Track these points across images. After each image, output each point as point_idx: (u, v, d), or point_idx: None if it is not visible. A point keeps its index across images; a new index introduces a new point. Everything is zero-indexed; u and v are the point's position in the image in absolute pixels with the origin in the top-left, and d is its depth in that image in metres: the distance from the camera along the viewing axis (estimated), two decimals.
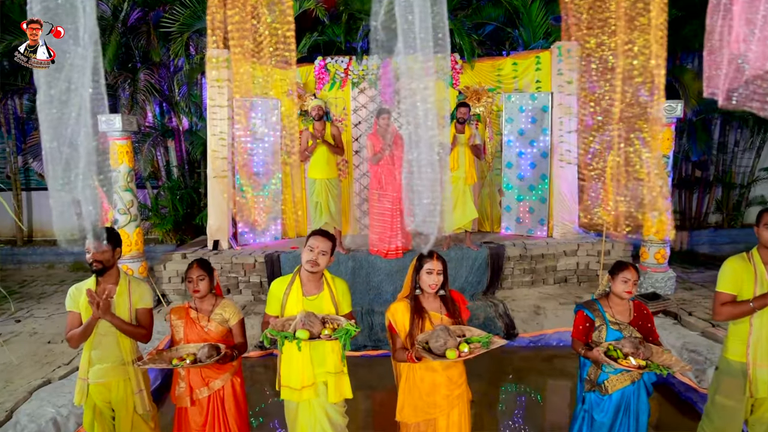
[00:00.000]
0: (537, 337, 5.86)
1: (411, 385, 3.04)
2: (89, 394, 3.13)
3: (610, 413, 3.14)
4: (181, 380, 3.19)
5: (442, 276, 2.94)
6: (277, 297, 3.03)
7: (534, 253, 6.73)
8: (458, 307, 3.04)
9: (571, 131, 7.00)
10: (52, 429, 3.89)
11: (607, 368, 3.12)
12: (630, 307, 3.22)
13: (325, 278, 3.08)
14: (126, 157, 6.28)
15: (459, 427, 3.03)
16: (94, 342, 3.08)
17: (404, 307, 3.01)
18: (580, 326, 3.22)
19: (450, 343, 2.73)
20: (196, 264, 3.19)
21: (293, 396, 3.01)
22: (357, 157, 7.83)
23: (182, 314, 3.22)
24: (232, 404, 3.24)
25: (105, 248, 3.02)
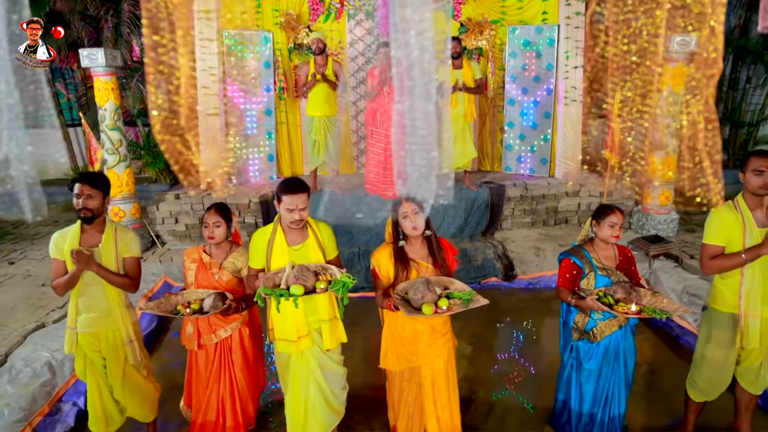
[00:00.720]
0: (536, 278, 5.82)
1: (393, 332, 2.98)
2: (78, 343, 3.08)
3: (599, 360, 3.11)
4: (190, 323, 3.15)
5: (420, 215, 2.77)
6: (261, 249, 2.89)
7: (535, 194, 6.58)
8: (446, 255, 2.92)
9: (578, 66, 6.66)
10: (48, 373, 3.89)
11: (595, 315, 3.06)
12: (615, 251, 3.12)
13: (308, 224, 2.93)
14: (112, 95, 6.00)
15: (445, 375, 2.99)
16: (80, 290, 3.00)
17: (388, 254, 2.89)
18: (566, 274, 3.12)
19: (428, 297, 2.64)
20: (214, 209, 3.06)
21: (290, 348, 2.94)
22: (354, 93, 7.52)
23: (196, 257, 3.14)
24: (240, 355, 3.20)
25: (95, 195, 2.89)
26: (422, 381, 2.99)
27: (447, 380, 3.00)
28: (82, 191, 2.86)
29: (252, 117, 7.07)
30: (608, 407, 3.18)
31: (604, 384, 3.15)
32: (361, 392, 3.82)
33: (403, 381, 3.04)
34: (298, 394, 3.04)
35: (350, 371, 3.20)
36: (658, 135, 5.88)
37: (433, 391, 2.99)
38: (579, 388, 3.23)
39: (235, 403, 3.21)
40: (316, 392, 3.04)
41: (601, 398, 3.17)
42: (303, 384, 3.03)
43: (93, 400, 3.18)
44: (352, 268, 5.89)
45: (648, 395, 3.86)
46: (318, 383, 3.04)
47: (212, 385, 3.19)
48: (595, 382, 3.17)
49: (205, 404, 3.22)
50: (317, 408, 3.06)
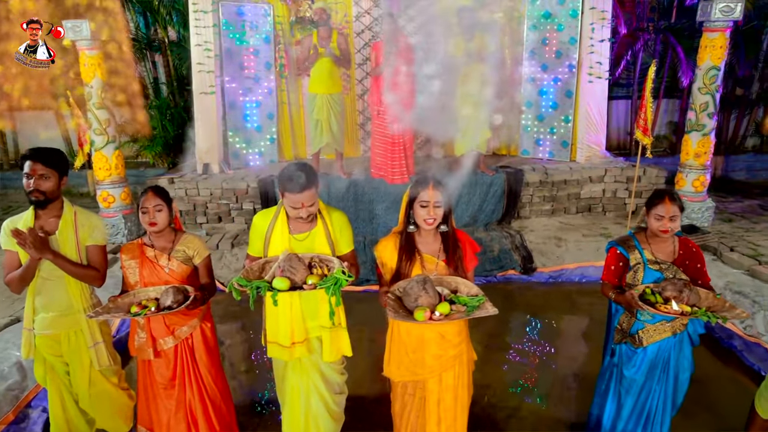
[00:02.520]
0: (557, 272, 5.35)
1: (396, 338, 2.52)
2: (36, 346, 2.66)
3: (644, 369, 2.65)
4: (140, 329, 2.67)
5: (440, 209, 2.32)
6: (259, 235, 2.46)
7: (555, 179, 6.08)
8: (462, 252, 2.43)
9: (604, 40, 6.12)
10: (16, 374, 3.49)
11: (642, 316, 2.60)
12: (674, 243, 2.62)
13: (319, 211, 2.45)
14: (99, 70, 5.55)
15: (454, 392, 2.52)
16: (37, 286, 2.58)
17: (393, 244, 2.43)
18: (611, 266, 2.67)
19: (422, 300, 2.17)
20: (151, 192, 2.59)
21: (282, 354, 2.52)
22: (360, 71, 7.03)
23: (136, 253, 2.65)
24: (204, 352, 2.76)
25: (49, 175, 2.45)
26: (427, 396, 2.53)
27: (455, 399, 2.54)
28: (33, 170, 2.43)
29: (251, 97, 6.61)
30: (649, 427, 2.72)
31: (647, 399, 2.70)
32: (367, 400, 3.40)
33: (405, 394, 2.59)
34: (297, 407, 2.62)
35: (355, 377, 2.78)
36: (694, 113, 5.34)
37: (438, 410, 2.53)
38: (617, 400, 2.78)
39: (207, 409, 2.77)
40: (318, 404, 2.63)
41: (641, 415, 2.71)
42: (303, 396, 2.61)
43: (55, 411, 2.78)
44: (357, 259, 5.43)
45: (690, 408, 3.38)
46: (320, 395, 2.63)
47: (177, 395, 2.73)
48: (636, 396, 2.71)
49: (173, 421, 2.76)
50: (320, 419, 2.66)
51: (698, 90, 5.30)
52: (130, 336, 2.73)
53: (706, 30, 5.11)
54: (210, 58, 6.16)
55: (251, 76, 6.55)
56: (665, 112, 8.89)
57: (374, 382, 3.58)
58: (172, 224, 2.71)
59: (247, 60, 6.50)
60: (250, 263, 2.40)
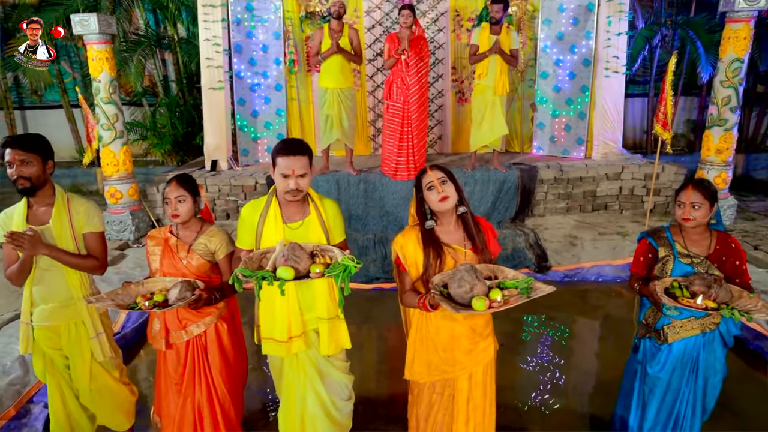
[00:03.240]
0: (572, 271, 5.19)
1: (424, 337, 2.38)
2: (35, 339, 2.57)
3: (668, 368, 2.50)
4: (157, 318, 2.61)
5: (450, 185, 2.20)
6: (250, 226, 2.33)
7: (571, 176, 5.92)
8: (485, 238, 2.30)
9: (621, 33, 5.96)
10: (19, 369, 3.43)
11: (669, 311, 2.46)
12: (711, 238, 2.47)
13: (311, 199, 2.35)
14: (107, 65, 5.50)
15: (483, 387, 2.39)
16: (35, 277, 2.48)
17: (416, 238, 2.29)
18: (640, 258, 2.56)
19: (478, 289, 2.02)
20: (175, 181, 2.50)
21: (279, 350, 2.38)
22: (371, 67, 6.92)
23: (160, 240, 2.58)
24: (217, 354, 2.64)
25: (31, 160, 2.34)
26: (456, 395, 2.40)
27: (484, 395, 2.40)
28: (13, 158, 2.31)
29: (260, 93, 6.52)
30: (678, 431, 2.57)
31: (675, 401, 2.54)
32: (375, 402, 3.27)
33: (433, 394, 2.44)
34: (293, 407, 2.49)
35: (363, 376, 2.64)
36: (716, 108, 5.16)
37: (467, 408, 2.40)
38: (641, 400, 2.64)
39: (214, 411, 2.66)
40: (314, 405, 2.48)
41: (669, 418, 2.56)
42: (299, 395, 2.47)
43: (55, 407, 2.68)
44: (366, 257, 5.32)
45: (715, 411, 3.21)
46: (317, 394, 2.48)
47: (186, 391, 2.64)
48: (662, 397, 2.56)
49: (179, 415, 2.67)
50: (317, 423, 2.50)
51: (720, 83, 5.13)
52: (148, 322, 2.66)
53: (729, 21, 4.94)
54: (219, 53, 6.09)
55: (260, 72, 6.46)
56: (683, 110, 8.69)
57: (382, 379, 3.46)
58: (198, 215, 2.62)
59: (256, 56, 6.42)
60: (246, 255, 2.27)
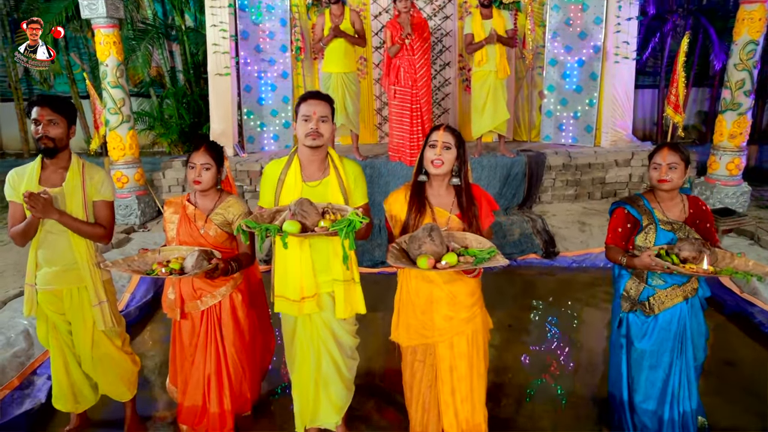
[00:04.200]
0: (581, 256, 5.12)
1: (405, 298, 2.38)
2: (39, 303, 2.55)
3: (656, 339, 2.46)
4: (172, 287, 2.61)
5: (451, 153, 2.19)
6: (271, 183, 2.35)
7: (579, 162, 5.86)
8: (477, 207, 2.27)
9: (631, 18, 5.89)
10: (23, 342, 3.42)
11: (653, 281, 2.41)
12: (684, 202, 2.45)
13: (332, 159, 2.37)
14: (114, 49, 5.50)
15: (468, 359, 2.34)
16: (40, 239, 2.48)
17: (404, 196, 2.30)
18: (618, 228, 2.48)
19: (426, 247, 2.01)
20: (204, 147, 2.49)
21: (291, 309, 2.39)
22: (377, 54, 6.88)
23: (178, 208, 2.57)
24: (231, 325, 2.63)
25: (58, 121, 2.35)
26: (438, 364, 2.37)
27: (470, 367, 2.36)
28: (41, 116, 2.33)
29: (266, 80, 6.50)
30: (676, 403, 2.50)
31: (667, 374, 2.48)
32: (380, 381, 3.24)
33: (415, 361, 2.43)
34: (307, 370, 2.48)
35: (369, 357, 2.61)
36: (729, 92, 5.08)
37: (451, 378, 2.37)
38: (628, 374, 2.58)
39: (222, 384, 2.65)
40: (328, 365, 2.49)
41: (664, 392, 2.50)
42: (313, 357, 2.47)
43: (58, 373, 2.67)
44: (372, 241, 5.30)
45: (729, 393, 3.14)
46: (330, 355, 2.48)
47: (197, 361, 2.64)
48: (653, 369, 2.50)
49: (191, 384, 2.67)
50: (331, 385, 2.51)
51: (734, 66, 5.04)
52: (163, 291, 2.65)
53: (744, 2, 4.86)
54: (225, 39, 6.08)
55: (266, 59, 6.45)
56: (694, 101, 8.60)
57: (388, 363, 3.42)
58: (219, 186, 2.60)
59: (263, 43, 6.41)
60: (260, 211, 2.27)
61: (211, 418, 2.67)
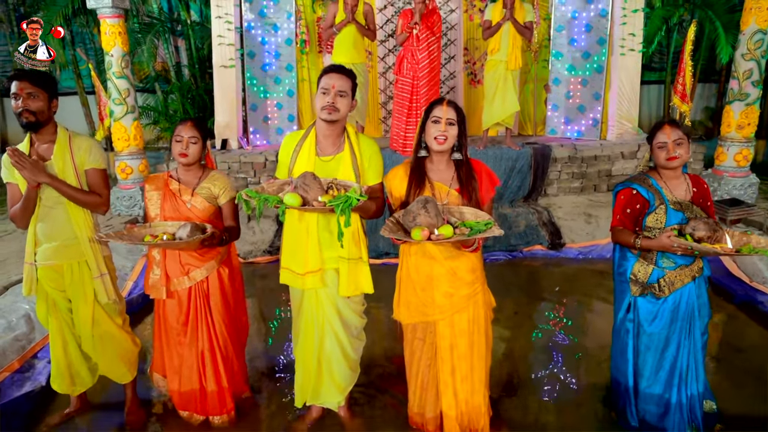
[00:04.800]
0: (587, 248, 5.07)
1: (405, 275, 2.36)
2: (39, 280, 2.54)
3: (665, 321, 2.41)
4: (156, 266, 2.57)
5: (454, 128, 2.17)
6: (286, 155, 2.36)
7: (585, 155, 5.80)
8: (477, 183, 2.25)
9: (638, 9, 5.85)
10: (24, 326, 3.41)
11: (663, 262, 2.36)
12: (687, 181, 2.39)
13: (348, 135, 2.35)
14: (119, 39, 5.52)
15: (469, 337, 2.31)
16: (39, 216, 2.47)
17: (404, 172, 2.30)
18: (627, 209, 2.41)
19: (421, 219, 1.99)
20: (191, 122, 2.50)
21: (295, 281, 2.39)
22: (382, 48, 6.87)
23: (160, 184, 2.56)
24: (219, 299, 2.61)
25: (38, 94, 2.34)
26: (438, 342, 2.35)
27: (471, 346, 2.33)
28: (21, 89, 2.32)
29: (271, 73, 6.49)
30: (684, 386, 2.45)
31: (677, 356, 2.43)
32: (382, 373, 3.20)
33: (415, 339, 2.41)
34: (310, 346, 2.47)
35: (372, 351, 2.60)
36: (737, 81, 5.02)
37: (451, 357, 2.34)
38: (636, 358, 2.52)
39: (216, 361, 2.62)
40: (332, 343, 2.46)
41: (671, 374, 2.45)
42: (317, 333, 2.45)
43: (56, 352, 2.65)
44: (375, 233, 5.16)
45: (738, 378, 3.09)
46: (335, 333, 2.46)
47: (189, 340, 2.60)
48: (661, 352, 2.45)
49: (184, 365, 2.63)
50: (333, 364, 2.48)
51: (742, 56, 4.98)
52: (146, 272, 2.61)
53: None
54: (230, 31, 6.07)
55: (271, 52, 6.43)
56: (701, 97, 8.53)
57: (392, 356, 3.37)
58: (203, 161, 2.59)
59: (268, 35, 6.39)
60: (268, 184, 2.26)
61: (210, 397, 2.65)
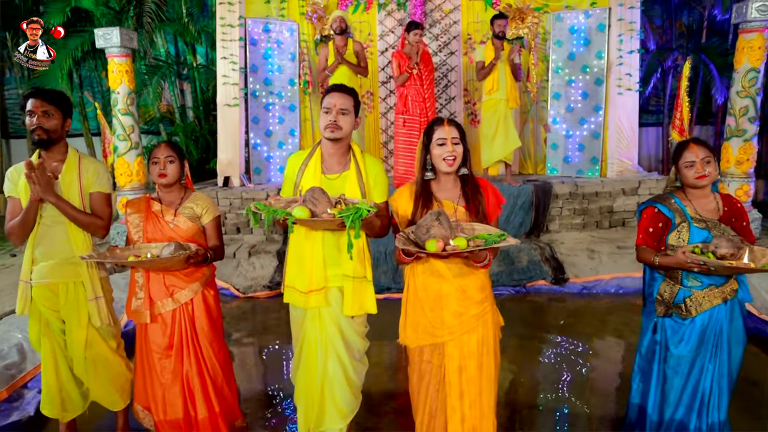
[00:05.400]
0: (591, 282, 5.00)
1: (413, 296, 2.28)
2: (33, 299, 2.48)
3: (693, 344, 2.31)
4: (139, 289, 2.49)
5: (460, 147, 2.17)
6: (292, 174, 2.34)
7: (586, 191, 5.82)
8: (483, 198, 2.23)
9: (633, 51, 6.02)
10: (16, 356, 3.31)
11: (689, 282, 2.29)
12: (717, 200, 2.34)
13: (353, 153, 2.34)
14: (126, 77, 5.63)
15: (478, 359, 2.22)
16: (38, 234, 2.43)
17: (409, 192, 2.26)
18: (650, 228, 2.36)
19: (435, 231, 1.96)
20: (165, 143, 2.52)
21: (298, 300, 2.31)
22: (383, 89, 7.02)
23: (141, 207, 2.53)
24: (205, 321, 2.54)
25: (52, 112, 2.36)
26: (447, 364, 2.24)
27: (480, 368, 2.24)
28: (35, 107, 2.35)
29: (274, 112, 6.61)
30: (705, 412, 2.34)
31: (699, 379, 2.33)
32: (383, 404, 3.08)
33: (422, 362, 2.30)
34: (313, 370, 2.36)
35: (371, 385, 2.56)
36: (734, 119, 5.10)
37: (459, 380, 2.23)
38: (662, 384, 2.41)
39: (206, 386, 2.52)
40: (335, 367, 2.36)
41: (694, 399, 2.34)
42: (320, 356, 2.35)
43: (47, 375, 2.55)
44: (377, 268, 5.21)
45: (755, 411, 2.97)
46: (338, 356, 2.36)
47: (174, 366, 2.49)
48: (686, 377, 2.35)
49: (168, 395, 2.51)
50: (336, 387, 2.37)
51: (737, 94, 5.09)
52: (128, 297, 2.53)
53: (743, 32, 4.96)
54: (235, 71, 6.23)
55: (275, 92, 6.57)
56: None
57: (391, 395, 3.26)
58: (182, 181, 2.59)
59: (271, 76, 6.55)
60: (275, 200, 2.23)
61: (202, 425, 2.52)
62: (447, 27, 6.84)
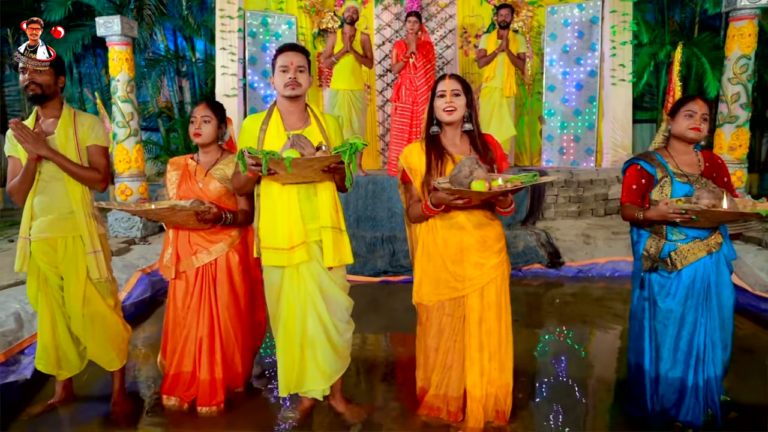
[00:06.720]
0: (587, 266, 5.03)
1: (431, 253, 2.32)
2: (32, 254, 2.50)
3: (680, 297, 2.34)
4: (170, 245, 2.56)
5: (461, 99, 2.22)
6: (251, 136, 2.31)
7: (581, 179, 5.87)
8: (493, 151, 2.30)
9: (626, 42, 6.11)
10: (13, 323, 3.32)
11: (673, 236, 2.33)
12: (698, 156, 2.40)
13: (311, 110, 2.38)
14: (126, 65, 5.69)
15: (497, 309, 2.27)
16: (37, 189, 2.46)
17: (420, 148, 2.32)
18: (633, 185, 2.41)
19: (478, 173, 2.01)
20: (205, 102, 2.57)
21: (280, 259, 2.27)
22: (380, 82, 7.09)
23: (181, 164, 2.60)
24: (226, 287, 2.56)
25: (44, 69, 2.39)
26: (468, 315, 2.29)
27: (499, 318, 2.29)
28: (27, 65, 2.37)
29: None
30: (701, 368, 2.36)
31: (692, 333, 2.35)
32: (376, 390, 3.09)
33: (443, 316, 2.33)
34: (292, 328, 2.35)
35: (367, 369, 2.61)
36: (727, 106, 5.17)
37: (480, 331, 2.28)
38: (654, 339, 2.44)
39: (213, 350, 2.54)
40: (315, 325, 2.35)
41: (689, 355, 2.36)
42: (299, 313, 2.34)
43: (44, 332, 2.56)
44: (374, 253, 5.25)
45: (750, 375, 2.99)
46: (318, 313, 2.35)
47: (189, 323, 2.54)
48: (677, 331, 2.37)
49: (180, 349, 2.56)
50: (317, 347, 2.35)
51: (728, 80, 5.16)
52: (162, 252, 2.62)
53: (733, 20, 5.05)
54: (233, 62, 6.30)
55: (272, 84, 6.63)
56: None
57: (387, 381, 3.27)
58: (221, 142, 2.62)
59: (269, 68, 6.61)
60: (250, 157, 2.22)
61: (201, 386, 2.55)
62: (443, 21, 6.94)
